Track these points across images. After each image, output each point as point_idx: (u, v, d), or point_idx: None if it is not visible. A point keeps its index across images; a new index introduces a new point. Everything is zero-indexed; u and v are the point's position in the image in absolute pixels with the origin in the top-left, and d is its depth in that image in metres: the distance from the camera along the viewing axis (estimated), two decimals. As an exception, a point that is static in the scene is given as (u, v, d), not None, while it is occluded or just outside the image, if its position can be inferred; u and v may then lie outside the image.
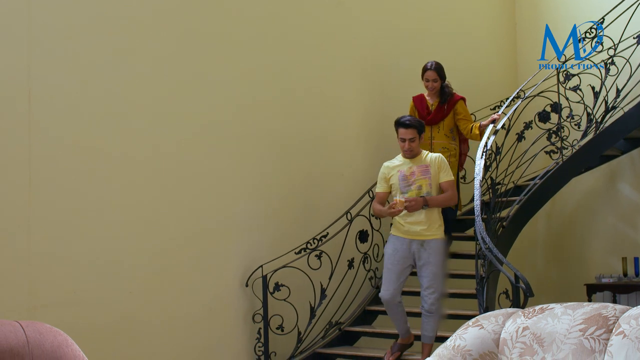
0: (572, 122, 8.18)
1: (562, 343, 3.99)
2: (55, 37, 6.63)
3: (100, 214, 6.77)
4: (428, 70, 8.11)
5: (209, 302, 7.33)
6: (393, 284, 6.90)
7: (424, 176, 6.88)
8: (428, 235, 6.85)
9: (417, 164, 6.92)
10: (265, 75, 7.96)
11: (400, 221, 6.94)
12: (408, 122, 6.88)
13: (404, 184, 6.90)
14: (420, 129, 6.92)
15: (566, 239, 9.94)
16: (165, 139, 7.19)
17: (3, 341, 4.37)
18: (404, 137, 6.88)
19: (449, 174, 6.95)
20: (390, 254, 6.95)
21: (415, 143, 6.90)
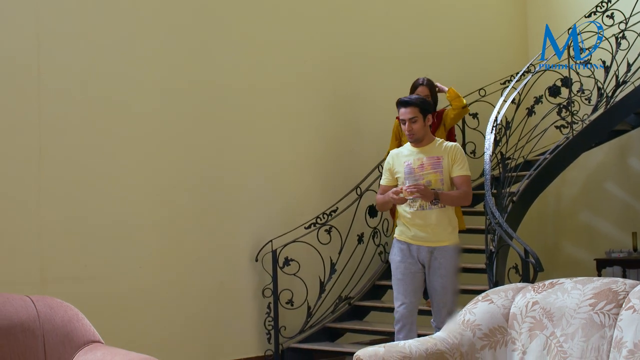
0: (583, 97, 8.14)
1: (571, 318, 3.99)
2: (63, 8, 6.64)
3: (111, 189, 6.79)
4: (420, 86, 7.41)
5: (219, 276, 7.35)
6: (409, 295, 5.94)
7: (434, 170, 5.88)
8: (438, 242, 5.90)
9: (428, 155, 5.91)
10: (281, 48, 7.94)
11: (406, 223, 5.96)
12: (406, 99, 5.93)
13: (410, 179, 5.89)
14: (423, 108, 5.89)
15: (576, 214, 9.92)
16: (175, 114, 7.20)
17: (14, 316, 4.39)
18: (403, 117, 5.88)
19: (465, 167, 5.92)
20: (398, 262, 5.98)
21: (418, 125, 5.86)
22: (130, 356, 4.24)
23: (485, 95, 8.76)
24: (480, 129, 8.69)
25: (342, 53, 8.48)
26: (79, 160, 6.65)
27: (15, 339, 4.33)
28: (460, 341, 4.23)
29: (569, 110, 8.06)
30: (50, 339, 4.42)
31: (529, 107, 8.23)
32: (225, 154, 7.48)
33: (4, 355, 4.27)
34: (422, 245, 5.89)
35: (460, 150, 5.95)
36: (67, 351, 4.44)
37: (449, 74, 9.18)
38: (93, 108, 6.76)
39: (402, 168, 5.94)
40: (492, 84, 8.91)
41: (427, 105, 5.95)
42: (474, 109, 8.87)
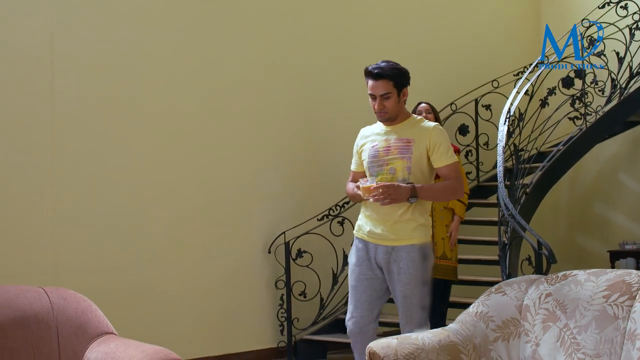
0: (596, 88, 8.11)
1: (585, 310, 3.98)
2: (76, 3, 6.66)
3: (123, 182, 6.81)
4: (422, 104, 7.02)
5: (232, 268, 7.36)
6: (360, 308, 4.87)
7: (401, 155, 4.76)
8: (398, 240, 4.78)
9: (399, 135, 4.81)
10: (293, 40, 7.94)
11: (363, 217, 4.95)
12: (377, 70, 4.75)
13: (374, 164, 4.84)
14: (398, 81, 4.80)
15: (589, 206, 9.89)
16: (187, 105, 7.22)
17: (28, 307, 4.41)
18: (373, 92, 4.78)
19: (451, 153, 4.81)
20: (353, 265, 4.93)
21: (392, 101, 4.77)
22: (143, 347, 4.24)
23: (498, 87, 8.75)
24: (493, 121, 8.68)
25: (353, 45, 8.46)
26: (92, 154, 6.68)
27: (29, 330, 4.34)
28: (473, 333, 4.23)
29: (583, 102, 8.03)
30: (64, 331, 4.43)
31: (542, 98, 8.20)
32: (238, 146, 7.49)
33: (17, 346, 4.29)
34: (380, 244, 4.82)
35: (442, 132, 4.83)
36: (80, 342, 4.45)
37: (462, 66, 9.19)
38: (106, 103, 6.78)
39: (366, 151, 4.91)
40: (505, 76, 8.89)
41: (403, 77, 4.84)
42: (487, 101, 8.86)
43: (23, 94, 6.38)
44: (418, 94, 8.75)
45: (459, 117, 8.83)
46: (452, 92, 8.82)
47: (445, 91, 8.84)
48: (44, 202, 6.43)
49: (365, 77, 4.83)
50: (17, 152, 6.33)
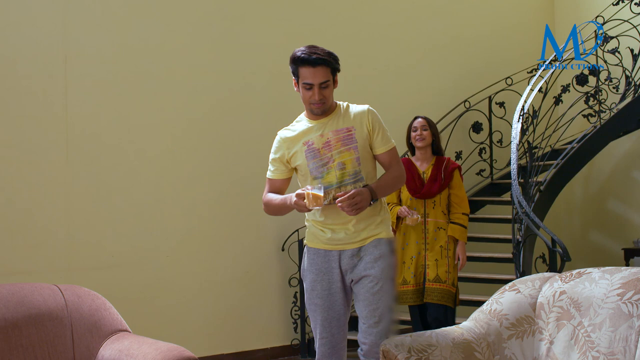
0: (610, 85, 8.09)
1: (599, 307, 3.97)
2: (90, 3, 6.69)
3: (137, 180, 6.83)
4: (417, 119, 6.47)
5: (246, 266, 7.37)
6: (330, 327, 4.37)
7: (346, 147, 4.33)
8: (365, 239, 4.36)
9: (335, 127, 4.35)
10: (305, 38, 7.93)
11: (317, 224, 4.44)
12: (316, 57, 4.24)
13: (316, 164, 4.35)
14: (335, 67, 4.33)
15: (604, 203, 9.87)
16: (202, 105, 7.23)
17: (42, 304, 4.42)
18: (311, 81, 4.27)
19: (387, 137, 4.41)
20: (313, 280, 4.41)
21: (330, 90, 4.32)
22: (157, 345, 4.26)
23: (512, 84, 8.73)
24: (506, 118, 8.67)
25: (366, 43, 8.45)
26: (106, 152, 6.70)
27: (43, 328, 4.36)
28: (487, 331, 4.22)
29: (597, 99, 8.02)
30: (78, 328, 4.45)
31: (556, 95, 8.19)
32: (252, 143, 7.49)
33: (32, 343, 4.30)
34: (344, 249, 4.35)
35: (376, 114, 4.42)
36: (94, 340, 4.46)
37: (476, 63, 9.17)
38: (119, 101, 6.81)
39: (301, 153, 4.40)
40: (519, 73, 8.87)
41: (337, 62, 4.34)
42: (501, 98, 8.84)
43: (36, 95, 6.42)
44: (433, 91, 8.78)
45: (472, 114, 8.82)
46: (465, 89, 8.80)
47: (458, 88, 8.84)
48: (58, 200, 6.46)
49: (295, 65, 4.29)
50: (30, 151, 6.36)
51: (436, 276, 6.27)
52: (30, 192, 6.34)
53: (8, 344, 4.24)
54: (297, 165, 4.44)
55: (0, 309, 4.30)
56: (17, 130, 6.31)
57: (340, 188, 4.29)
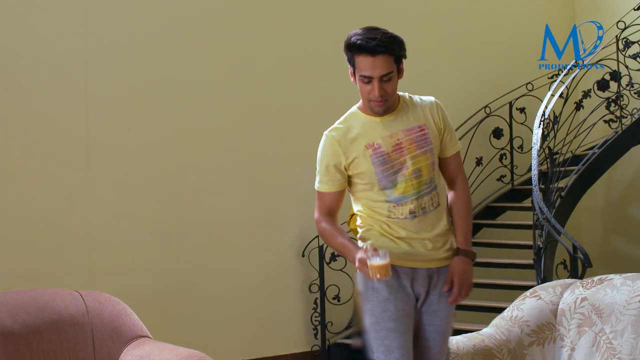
0: (632, 91, 8.06)
1: (621, 314, 3.95)
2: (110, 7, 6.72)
3: (157, 185, 6.86)
4: None
5: (266, 272, 7.37)
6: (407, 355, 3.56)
7: (422, 149, 3.59)
8: (442, 259, 3.64)
9: (405, 125, 3.62)
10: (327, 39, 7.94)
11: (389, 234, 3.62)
12: (375, 44, 3.47)
13: (385, 172, 3.56)
14: (400, 54, 3.60)
15: (625, 209, 9.81)
16: (220, 110, 7.25)
17: (63, 310, 4.44)
18: (369, 73, 3.51)
19: (456, 137, 3.76)
20: (384, 300, 3.57)
21: (393, 84, 3.57)
22: (178, 351, 4.26)
23: (532, 90, 8.70)
24: (527, 124, 8.64)
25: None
26: (127, 157, 6.72)
27: (64, 334, 4.37)
28: (507, 337, 4.21)
29: (618, 104, 7.98)
30: (99, 334, 4.46)
31: (577, 101, 8.15)
32: (272, 149, 7.50)
33: (54, 349, 4.32)
34: (418, 267, 3.61)
35: (443, 108, 3.75)
36: (115, 346, 4.48)
37: (496, 68, 9.14)
38: (141, 107, 6.83)
39: (365, 159, 3.58)
40: (540, 78, 8.84)
41: (402, 46, 3.63)
42: (522, 104, 8.81)
43: (57, 100, 6.45)
44: (453, 97, 8.75)
45: (493, 120, 8.79)
46: (486, 95, 8.77)
47: (479, 94, 8.81)
48: (79, 205, 6.48)
49: (350, 53, 3.56)
50: (51, 156, 6.39)
51: None
52: (50, 197, 6.37)
53: (30, 350, 4.27)
54: (359, 174, 3.60)
55: (22, 314, 4.33)
56: (37, 136, 6.34)
57: (418, 200, 3.56)
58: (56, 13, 6.48)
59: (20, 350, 4.24)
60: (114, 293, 4.96)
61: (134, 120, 6.78)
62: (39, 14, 6.41)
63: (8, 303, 4.36)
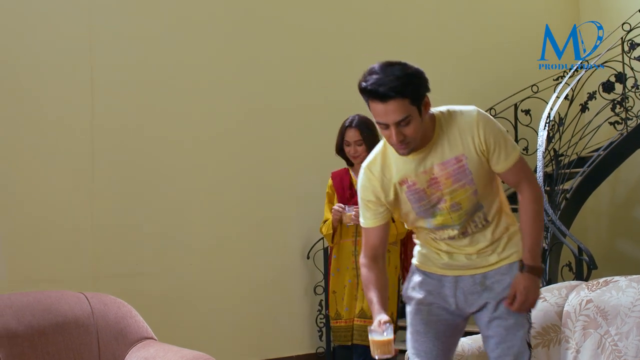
0: (637, 92, 8.05)
1: (626, 316, 3.95)
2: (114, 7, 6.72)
3: (162, 188, 6.86)
4: (348, 129, 5.56)
5: (270, 274, 7.37)
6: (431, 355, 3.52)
7: (459, 182, 3.35)
8: (493, 264, 3.49)
9: (438, 160, 3.34)
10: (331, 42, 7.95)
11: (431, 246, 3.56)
12: (384, 90, 3.15)
13: (423, 207, 3.42)
14: (416, 94, 3.22)
15: (631, 211, 9.80)
16: (224, 112, 7.24)
17: (69, 312, 4.45)
18: (383, 120, 3.23)
19: (509, 147, 3.37)
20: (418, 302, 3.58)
21: (414, 126, 3.21)
22: (182, 353, 4.27)
23: (537, 92, 8.69)
24: (532, 126, 8.62)
25: (391, 47, 8.45)
26: (131, 160, 6.72)
27: (69, 335, 4.38)
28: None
29: (623, 106, 7.97)
30: (104, 336, 4.47)
31: (583, 103, 8.15)
32: (277, 151, 7.50)
33: (59, 350, 4.33)
34: (463, 274, 3.51)
35: (488, 122, 3.37)
36: (120, 347, 4.48)
37: (501, 70, 9.14)
38: (146, 109, 6.83)
39: (401, 194, 3.43)
40: (545, 80, 8.83)
41: (419, 84, 3.25)
42: (527, 106, 8.80)
43: (62, 106, 6.45)
44: (458, 99, 8.74)
45: (498, 122, 8.77)
46: (491, 97, 8.77)
47: (484, 96, 8.80)
48: (84, 207, 6.48)
49: (364, 97, 3.28)
50: (56, 160, 6.39)
51: (361, 310, 5.38)
52: (55, 199, 6.37)
53: (35, 352, 4.27)
54: (397, 207, 3.48)
55: (27, 316, 4.33)
56: (42, 137, 6.34)
57: (460, 227, 3.44)
58: (60, 12, 6.48)
59: (25, 352, 4.25)
60: (119, 295, 4.97)
61: (138, 125, 6.78)
62: (43, 13, 6.41)
63: (13, 305, 4.37)
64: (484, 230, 3.45)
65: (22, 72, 6.32)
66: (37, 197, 6.30)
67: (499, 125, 3.38)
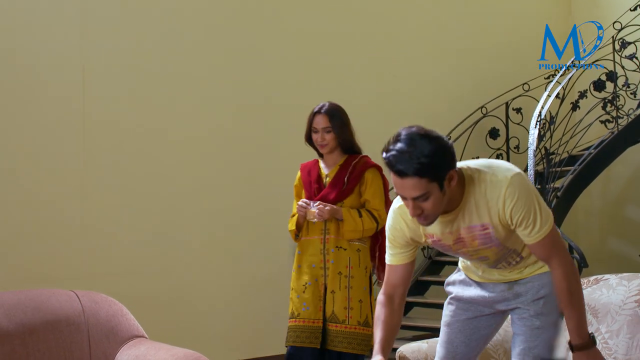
0: (628, 91, 8.07)
1: (616, 314, 3.96)
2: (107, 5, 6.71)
3: (156, 186, 6.85)
4: (317, 115, 5.18)
5: (264, 273, 7.36)
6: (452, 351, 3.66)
7: (484, 245, 3.30)
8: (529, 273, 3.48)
9: (465, 225, 3.27)
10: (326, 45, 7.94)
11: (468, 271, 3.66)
12: (402, 168, 3.00)
13: (449, 253, 3.47)
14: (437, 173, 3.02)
15: (622, 210, 9.82)
16: (223, 110, 7.24)
17: (60, 310, 4.44)
18: (400, 193, 3.11)
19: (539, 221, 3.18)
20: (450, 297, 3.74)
21: (433, 202, 3.08)
22: (174, 351, 4.26)
23: (529, 90, 8.71)
24: (524, 124, 8.64)
25: (385, 48, 8.45)
26: (125, 158, 6.71)
27: (60, 333, 4.37)
28: (503, 337, 4.21)
29: (614, 105, 7.99)
30: (95, 334, 4.46)
31: (574, 101, 8.16)
32: (271, 149, 7.49)
33: (50, 348, 4.32)
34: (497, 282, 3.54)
35: (518, 198, 3.14)
36: (111, 345, 4.47)
37: (493, 69, 9.15)
38: (138, 107, 6.81)
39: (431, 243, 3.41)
40: (536, 79, 8.85)
41: (442, 163, 3.04)
42: (518, 104, 8.82)
43: (54, 101, 6.43)
44: (450, 98, 8.77)
45: (489, 120, 8.80)
46: (482, 95, 8.78)
47: (475, 95, 8.82)
48: (76, 206, 6.47)
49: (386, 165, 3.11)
50: (48, 158, 6.37)
51: (332, 314, 5.03)
52: (47, 198, 6.35)
53: (26, 350, 4.26)
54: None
55: (18, 314, 4.32)
56: (33, 136, 6.33)
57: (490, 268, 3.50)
58: (52, 9, 6.46)
59: (16, 350, 4.24)
60: (110, 294, 4.95)
61: (131, 123, 6.76)
62: (34, 10, 6.39)
63: (4, 303, 4.36)
64: (517, 265, 3.43)
65: (13, 71, 6.29)
66: (29, 197, 6.28)
67: (530, 198, 3.17)
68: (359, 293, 4.93)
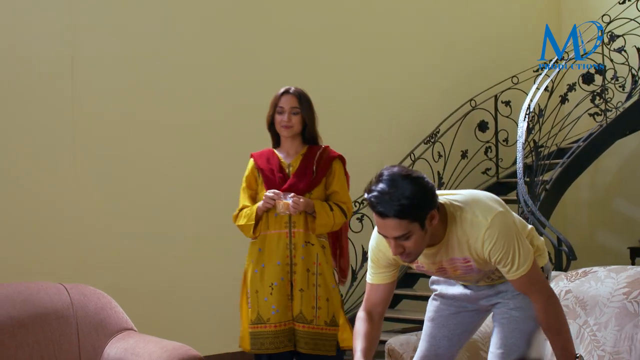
0: (617, 84, 8.08)
1: (605, 306, 3.96)
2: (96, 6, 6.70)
3: (146, 181, 6.85)
4: (285, 94, 4.86)
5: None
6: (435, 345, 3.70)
7: (466, 274, 3.39)
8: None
9: (446, 257, 3.32)
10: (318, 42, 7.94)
11: None
12: (382, 209, 3.02)
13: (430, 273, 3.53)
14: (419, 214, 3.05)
15: (610, 202, 9.85)
16: (213, 107, 7.23)
17: (48, 303, 4.43)
18: (382, 232, 3.13)
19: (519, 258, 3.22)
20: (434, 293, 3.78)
21: (414, 241, 3.10)
22: (163, 344, 4.26)
23: (518, 83, 8.72)
24: (512, 117, 8.65)
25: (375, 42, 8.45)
26: (115, 153, 6.70)
27: (49, 326, 4.37)
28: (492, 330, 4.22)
29: (603, 98, 8.01)
30: (84, 326, 4.46)
31: (562, 94, 8.18)
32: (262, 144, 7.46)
33: (38, 341, 4.31)
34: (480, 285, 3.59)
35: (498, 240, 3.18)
36: (100, 338, 4.47)
37: (481, 62, 9.16)
38: (128, 103, 6.80)
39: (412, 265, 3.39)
40: (525, 72, 8.86)
41: (424, 204, 3.06)
42: (507, 97, 8.82)
43: (44, 99, 6.42)
44: (439, 90, 8.77)
45: (478, 113, 8.81)
46: (471, 88, 8.79)
47: (464, 87, 8.82)
48: (66, 201, 6.46)
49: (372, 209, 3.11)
50: (38, 153, 6.36)
51: (299, 314, 4.74)
52: (38, 193, 6.34)
53: (14, 343, 4.26)
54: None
55: (7, 307, 4.32)
56: (25, 131, 6.31)
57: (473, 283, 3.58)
58: (41, 6, 6.44)
59: (5, 343, 4.23)
60: (100, 287, 4.95)
61: (121, 118, 6.75)
62: (23, 9, 6.37)
63: (-8, 296, 4.36)
64: (500, 278, 3.48)
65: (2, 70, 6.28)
66: (20, 191, 6.27)
67: (510, 238, 3.20)
68: (327, 291, 4.74)
